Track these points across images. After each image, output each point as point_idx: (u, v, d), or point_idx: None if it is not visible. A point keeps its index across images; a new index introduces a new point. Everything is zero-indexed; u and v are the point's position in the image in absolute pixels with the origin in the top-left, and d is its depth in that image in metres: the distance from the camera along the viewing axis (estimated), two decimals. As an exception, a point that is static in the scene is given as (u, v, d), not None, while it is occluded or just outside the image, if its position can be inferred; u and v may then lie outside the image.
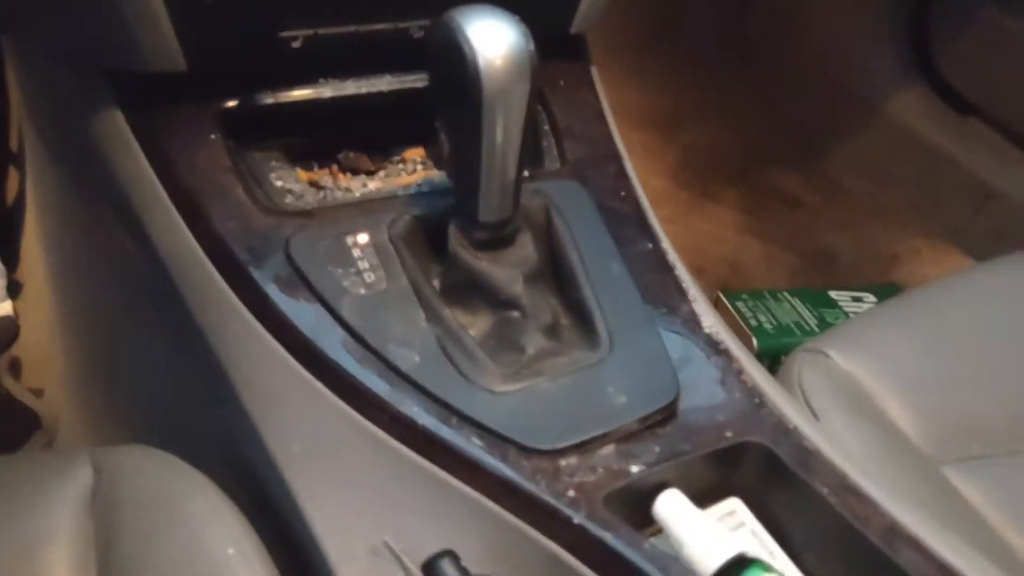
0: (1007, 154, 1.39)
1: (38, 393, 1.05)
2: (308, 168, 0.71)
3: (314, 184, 0.70)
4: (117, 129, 0.66)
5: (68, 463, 0.58)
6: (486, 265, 0.60)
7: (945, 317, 0.77)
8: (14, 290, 1.11)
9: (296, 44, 0.63)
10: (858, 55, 1.55)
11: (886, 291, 1.30)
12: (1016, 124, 1.37)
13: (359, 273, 0.60)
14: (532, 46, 0.54)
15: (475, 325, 0.60)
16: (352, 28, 0.64)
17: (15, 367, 1.06)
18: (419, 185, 0.70)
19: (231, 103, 0.66)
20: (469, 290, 0.61)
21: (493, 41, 0.53)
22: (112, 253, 0.80)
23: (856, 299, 1.26)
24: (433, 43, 0.55)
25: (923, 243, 1.45)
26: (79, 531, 0.56)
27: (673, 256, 0.68)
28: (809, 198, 1.59)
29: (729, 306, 1.24)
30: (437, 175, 0.71)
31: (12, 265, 1.11)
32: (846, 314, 1.21)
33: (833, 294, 1.25)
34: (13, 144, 1.13)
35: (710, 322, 0.64)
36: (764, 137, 1.68)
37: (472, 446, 0.53)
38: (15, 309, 1.09)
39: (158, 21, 0.59)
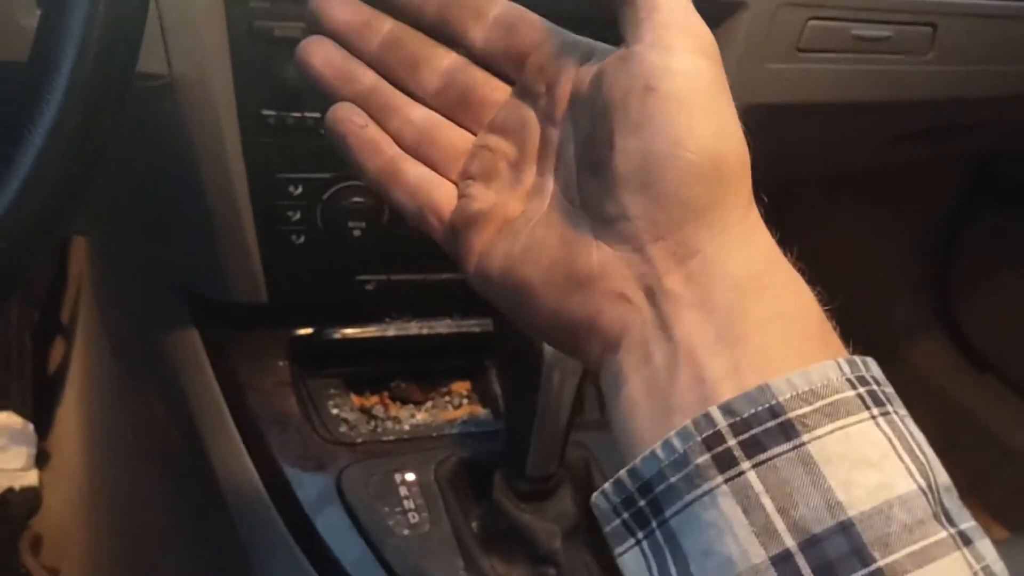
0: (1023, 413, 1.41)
1: (54, 573, 1.04)
2: (360, 393, 0.75)
3: (365, 411, 0.73)
4: (190, 345, 0.71)
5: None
6: (528, 518, 0.62)
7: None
8: (41, 460, 1.12)
9: (370, 287, 0.69)
10: (882, 302, 1.61)
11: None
12: (1032, 386, 1.41)
13: (404, 512, 0.62)
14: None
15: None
16: (422, 276, 0.70)
17: (36, 544, 1.05)
18: (465, 423, 0.73)
19: (302, 332, 0.71)
20: (508, 540, 0.63)
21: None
22: (160, 450, 0.83)
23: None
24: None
25: (944, 494, 1.45)
26: None
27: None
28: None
29: None
30: (482, 412, 0.74)
31: (44, 432, 1.13)
32: None
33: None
34: (65, 316, 1.18)
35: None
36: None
37: None
38: (40, 480, 1.10)
39: (250, 259, 0.65)
